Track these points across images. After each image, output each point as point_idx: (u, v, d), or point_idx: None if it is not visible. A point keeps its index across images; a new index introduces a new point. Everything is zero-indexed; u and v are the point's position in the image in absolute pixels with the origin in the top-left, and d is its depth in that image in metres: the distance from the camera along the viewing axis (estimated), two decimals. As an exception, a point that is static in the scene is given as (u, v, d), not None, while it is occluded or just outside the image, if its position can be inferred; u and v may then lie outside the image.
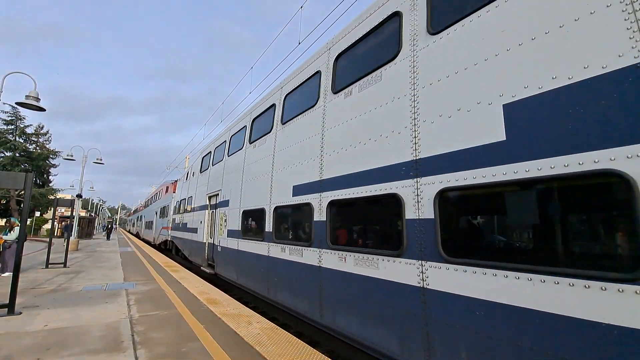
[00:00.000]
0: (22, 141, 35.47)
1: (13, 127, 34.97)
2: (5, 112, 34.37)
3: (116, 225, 71.05)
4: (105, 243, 24.04)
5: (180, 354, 3.73)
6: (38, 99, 8.63)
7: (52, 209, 11.67)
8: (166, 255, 16.11)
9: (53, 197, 23.79)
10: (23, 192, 7.73)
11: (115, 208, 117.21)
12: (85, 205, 59.54)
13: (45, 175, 37.95)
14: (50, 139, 38.89)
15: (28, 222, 30.66)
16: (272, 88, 7.52)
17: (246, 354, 3.74)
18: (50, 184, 38.54)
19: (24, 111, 34.34)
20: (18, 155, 33.98)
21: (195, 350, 3.82)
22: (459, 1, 3.49)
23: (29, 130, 36.58)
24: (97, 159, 20.42)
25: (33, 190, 28.02)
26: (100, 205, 67.91)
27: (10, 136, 34.26)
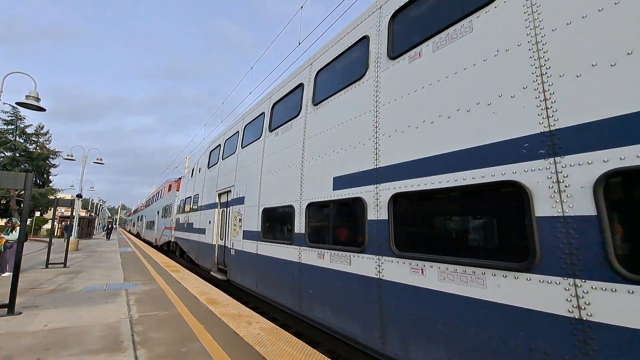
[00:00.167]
0: (22, 141, 35.49)
1: (13, 127, 35.00)
2: (6, 112, 34.48)
3: (116, 225, 71.02)
4: (105, 243, 24.04)
5: (180, 354, 3.73)
6: (38, 99, 8.64)
7: (52, 209, 11.67)
8: (172, 259, 14.91)
9: (53, 197, 23.82)
10: (23, 192, 7.74)
11: (115, 208, 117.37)
12: (85, 205, 59.57)
13: (45, 175, 37.96)
14: (50, 139, 38.97)
15: (28, 222, 30.65)
16: (298, 66, 6.52)
17: (246, 354, 3.74)
18: (50, 184, 38.55)
19: (24, 111, 34.41)
20: (18, 155, 34.01)
21: (195, 351, 3.83)
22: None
23: (29, 130, 36.62)
24: (97, 159, 20.43)
25: (33, 190, 28.03)
26: (100, 205, 67.93)
27: (10, 136, 34.29)
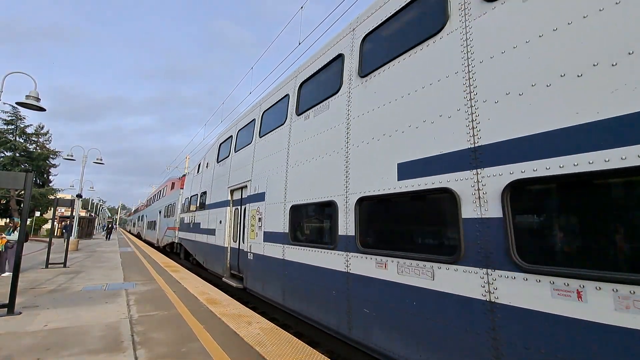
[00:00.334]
0: (22, 141, 35.47)
1: (13, 127, 34.97)
2: (6, 112, 34.45)
3: (116, 225, 70.98)
4: (105, 243, 24.05)
5: (180, 354, 3.74)
6: (38, 99, 8.64)
7: (52, 209, 11.68)
8: (177, 263, 13.92)
9: (53, 197, 23.79)
10: (23, 192, 7.73)
11: (115, 208, 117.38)
12: (85, 205, 59.56)
13: (45, 175, 37.95)
14: (50, 139, 38.95)
15: (28, 222, 30.65)
16: (336, 34, 5.53)
17: (246, 354, 3.75)
18: (51, 184, 38.53)
19: (24, 111, 34.38)
20: (18, 155, 33.99)
21: (195, 351, 3.83)
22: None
23: (29, 130, 36.59)
24: (97, 159, 20.44)
25: (33, 190, 28.02)
26: (100, 205, 67.94)
27: (10, 136, 34.27)
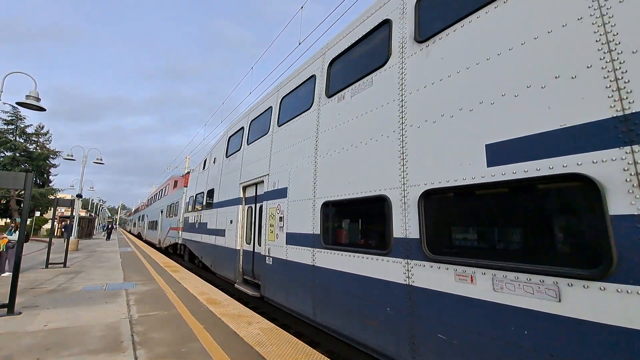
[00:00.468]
0: (23, 141, 35.47)
1: (13, 127, 34.99)
2: (6, 112, 34.45)
3: (116, 225, 70.92)
4: (105, 243, 24.05)
5: (180, 354, 3.74)
6: (38, 99, 8.64)
7: (52, 209, 11.68)
8: (184, 266, 13.17)
9: (53, 197, 23.78)
10: (23, 192, 7.72)
11: (115, 208, 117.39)
12: (85, 205, 59.55)
13: (45, 175, 37.95)
14: (50, 139, 38.97)
15: (28, 222, 30.65)
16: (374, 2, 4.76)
17: (246, 354, 3.75)
18: (51, 184, 38.53)
19: (24, 111, 34.40)
20: (18, 155, 33.99)
21: (195, 351, 3.83)
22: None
23: (29, 130, 36.61)
24: (97, 159, 20.44)
25: (33, 190, 28.01)
26: (100, 205, 67.93)
27: (10, 136, 34.28)
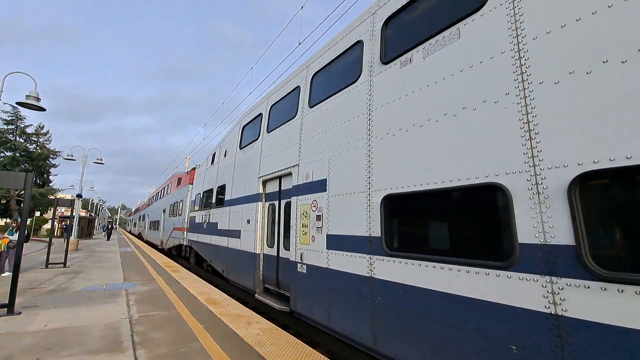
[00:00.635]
0: (23, 141, 35.43)
1: (13, 127, 34.94)
2: (6, 112, 34.40)
3: (116, 226, 70.88)
4: (105, 243, 24.05)
5: (180, 354, 3.74)
6: (38, 99, 8.65)
7: (52, 209, 11.68)
8: (191, 271, 11.91)
9: (53, 197, 23.76)
10: (23, 192, 7.72)
11: (115, 208, 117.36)
12: (85, 205, 59.54)
13: (45, 175, 37.92)
14: (50, 139, 38.91)
15: (28, 222, 30.64)
16: None
17: (246, 354, 3.75)
18: (51, 184, 38.50)
19: (24, 111, 34.38)
20: (18, 155, 33.95)
21: (195, 351, 3.83)
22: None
23: (30, 130, 36.55)
24: (97, 159, 20.43)
25: (33, 190, 28.02)
26: (100, 205, 67.92)
27: (10, 136, 34.23)
